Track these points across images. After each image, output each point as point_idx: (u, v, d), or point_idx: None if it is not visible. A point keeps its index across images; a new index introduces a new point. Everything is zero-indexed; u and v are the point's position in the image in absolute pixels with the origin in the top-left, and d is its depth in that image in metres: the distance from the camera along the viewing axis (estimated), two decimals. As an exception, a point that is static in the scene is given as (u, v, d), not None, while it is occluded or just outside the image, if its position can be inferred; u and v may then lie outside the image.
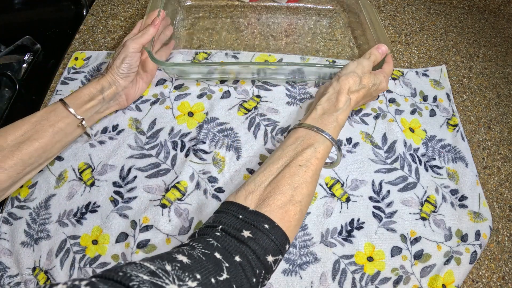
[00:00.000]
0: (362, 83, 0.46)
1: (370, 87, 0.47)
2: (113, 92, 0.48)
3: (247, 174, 0.47)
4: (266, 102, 0.54)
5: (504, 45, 0.68)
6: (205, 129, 0.51)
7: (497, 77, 0.63)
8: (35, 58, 0.60)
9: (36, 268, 0.41)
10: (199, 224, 0.44)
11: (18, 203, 0.45)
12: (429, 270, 0.43)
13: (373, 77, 0.47)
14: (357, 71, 0.46)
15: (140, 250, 0.42)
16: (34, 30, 0.63)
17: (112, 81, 0.47)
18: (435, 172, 0.50)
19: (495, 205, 0.49)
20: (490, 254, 0.45)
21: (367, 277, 0.42)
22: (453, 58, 0.64)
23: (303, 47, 0.62)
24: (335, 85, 0.46)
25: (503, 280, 0.44)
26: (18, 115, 0.43)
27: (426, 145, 0.52)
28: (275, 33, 0.64)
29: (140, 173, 0.47)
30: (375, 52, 0.50)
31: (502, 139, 0.55)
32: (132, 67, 0.48)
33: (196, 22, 0.64)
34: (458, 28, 0.70)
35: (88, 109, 0.46)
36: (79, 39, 0.63)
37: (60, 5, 0.69)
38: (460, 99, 0.59)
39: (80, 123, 0.45)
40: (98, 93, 0.46)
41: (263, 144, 0.50)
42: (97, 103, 0.46)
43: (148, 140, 0.50)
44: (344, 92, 0.44)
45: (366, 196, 0.47)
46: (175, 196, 0.45)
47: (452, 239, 0.45)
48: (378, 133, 0.52)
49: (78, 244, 0.42)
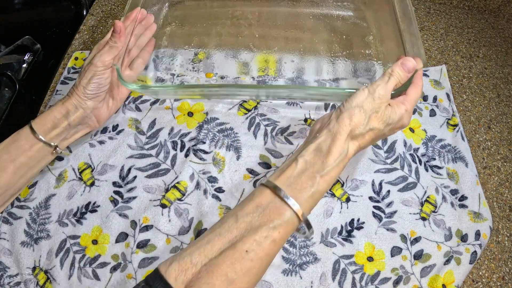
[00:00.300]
0: (370, 125, 0.34)
1: (382, 129, 0.35)
2: (80, 116, 0.42)
3: (247, 174, 0.47)
4: (266, 102, 0.54)
5: (504, 45, 0.68)
6: (205, 129, 0.51)
7: (497, 77, 0.63)
8: (35, 58, 0.60)
9: (36, 268, 0.41)
10: (199, 224, 0.44)
11: (18, 203, 0.45)
12: (429, 270, 0.43)
13: (388, 113, 0.35)
14: (365, 105, 0.34)
15: (140, 250, 0.42)
16: (34, 30, 0.63)
17: (78, 103, 0.41)
18: (435, 172, 0.50)
19: (495, 205, 0.49)
20: (490, 254, 0.45)
21: (367, 277, 0.42)
22: (453, 58, 0.64)
23: (304, 48, 0.62)
24: (332, 126, 0.34)
25: (503, 280, 0.44)
26: (18, 115, 0.43)
27: (426, 145, 0.52)
28: (275, 33, 0.64)
29: (140, 173, 0.47)
30: (398, 72, 0.36)
31: (502, 139, 0.55)
32: (101, 86, 0.42)
33: (194, 21, 0.64)
34: (458, 28, 0.70)
35: (53, 138, 0.41)
36: (79, 39, 0.63)
37: (60, 5, 0.69)
38: (460, 99, 0.59)
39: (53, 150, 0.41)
40: (63, 118, 0.41)
41: (263, 144, 0.50)
42: (62, 130, 0.41)
43: (148, 140, 0.50)
44: (341, 138, 0.33)
45: (366, 196, 0.47)
46: (175, 196, 0.45)
47: (452, 239, 0.45)
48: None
49: (78, 244, 0.42)
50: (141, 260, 0.41)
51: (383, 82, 0.36)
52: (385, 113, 0.35)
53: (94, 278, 0.40)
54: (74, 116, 0.41)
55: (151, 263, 0.41)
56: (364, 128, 0.34)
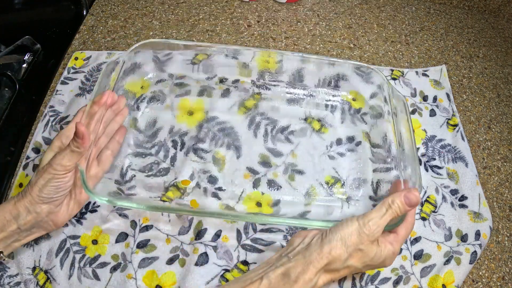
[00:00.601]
0: (348, 262, 0.32)
1: (359, 268, 0.33)
2: (33, 220, 0.35)
3: (247, 173, 0.47)
4: (266, 100, 0.54)
5: (504, 45, 0.68)
6: (205, 128, 0.51)
7: (497, 77, 0.63)
8: (35, 58, 0.60)
9: (36, 268, 0.41)
10: (199, 224, 0.44)
11: (18, 203, 0.45)
12: (429, 270, 0.43)
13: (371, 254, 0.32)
14: (349, 241, 0.31)
15: (140, 250, 0.42)
16: (34, 30, 0.63)
17: (31, 206, 0.35)
18: (435, 172, 0.50)
19: (495, 205, 0.49)
20: (490, 254, 0.45)
21: (367, 277, 0.42)
22: (453, 58, 0.64)
23: (303, 49, 0.62)
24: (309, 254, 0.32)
25: (503, 280, 0.44)
26: (18, 115, 0.43)
27: (426, 145, 0.52)
28: (275, 34, 0.64)
29: (139, 172, 0.47)
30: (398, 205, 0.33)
31: (502, 139, 0.55)
32: (60, 190, 0.36)
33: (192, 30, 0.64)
34: (458, 28, 0.70)
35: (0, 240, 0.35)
36: (79, 39, 0.63)
37: (60, 5, 0.69)
38: (460, 99, 0.59)
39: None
40: (13, 220, 0.35)
41: (263, 143, 0.50)
42: (11, 234, 0.35)
43: (148, 138, 0.50)
44: (313, 269, 0.31)
45: (367, 196, 0.47)
46: (175, 195, 0.45)
47: (452, 239, 0.45)
48: (378, 132, 0.52)
49: (78, 244, 0.42)
50: (141, 260, 0.41)
51: (378, 216, 0.32)
52: (368, 253, 0.32)
53: (94, 278, 0.40)
54: (25, 220, 0.35)
55: (151, 263, 0.41)
56: (341, 264, 0.32)
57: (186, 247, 0.42)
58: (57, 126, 0.51)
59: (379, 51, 0.63)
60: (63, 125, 0.51)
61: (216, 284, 0.40)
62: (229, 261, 0.42)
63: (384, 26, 0.68)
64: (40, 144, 0.49)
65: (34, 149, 0.49)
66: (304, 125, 0.52)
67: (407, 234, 0.35)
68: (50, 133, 0.50)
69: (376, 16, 0.69)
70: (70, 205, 0.39)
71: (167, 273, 0.41)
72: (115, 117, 0.45)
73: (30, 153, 0.48)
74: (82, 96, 0.54)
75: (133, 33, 0.63)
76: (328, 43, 0.63)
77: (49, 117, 0.52)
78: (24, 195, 0.35)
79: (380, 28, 0.67)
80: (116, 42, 0.62)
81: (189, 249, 0.42)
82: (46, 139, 0.50)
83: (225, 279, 0.41)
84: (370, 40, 0.65)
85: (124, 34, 0.63)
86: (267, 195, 0.46)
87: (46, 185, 0.34)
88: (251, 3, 0.69)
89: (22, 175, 0.47)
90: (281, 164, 0.48)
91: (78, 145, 0.35)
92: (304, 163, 0.49)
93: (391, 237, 0.34)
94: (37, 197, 0.35)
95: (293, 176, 0.48)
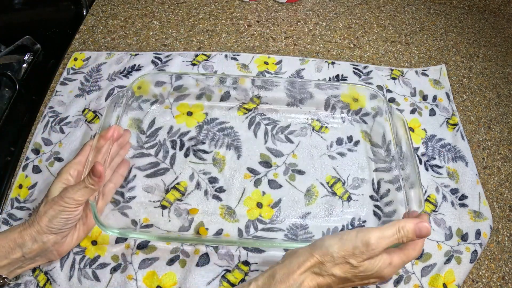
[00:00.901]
0: (330, 271, 0.31)
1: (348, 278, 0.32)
2: (38, 250, 0.36)
3: (248, 173, 0.47)
4: (266, 104, 0.53)
5: (504, 45, 0.68)
6: (205, 129, 0.51)
7: (497, 77, 0.63)
8: (35, 58, 0.60)
9: (36, 269, 0.41)
10: (199, 225, 0.44)
11: (17, 204, 0.45)
12: (429, 269, 0.43)
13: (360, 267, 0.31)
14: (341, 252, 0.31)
15: (140, 251, 0.42)
16: (34, 30, 0.63)
17: (38, 236, 0.35)
18: (435, 171, 0.50)
19: (495, 205, 0.49)
20: (490, 254, 0.45)
21: (368, 277, 0.42)
22: (453, 58, 0.64)
23: (303, 49, 0.62)
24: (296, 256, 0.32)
25: (503, 280, 0.44)
26: (18, 115, 0.43)
27: (426, 144, 0.52)
28: (275, 34, 0.64)
29: (139, 172, 0.47)
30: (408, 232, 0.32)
31: (502, 139, 0.55)
32: (69, 223, 0.36)
33: (191, 31, 0.64)
34: (458, 28, 0.70)
35: (3, 267, 0.35)
36: (79, 39, 0.63)
37: (60, 5, 0.69)
38: (460, 99, 0.59)
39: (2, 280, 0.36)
40: (18, 249, 0.35)
41: (263, 142, 0.50)
42: (14, 261, 0.35)
43: (147, 139, 0.50)
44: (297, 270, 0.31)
45: (367, 195, 0.47)
46: (175, 196, 0.45)
47: (453, 238, 0.45)
48: (377, 132, 0.52)
49: (78, 244, 0.42)
50: (141, 261, 0.41)
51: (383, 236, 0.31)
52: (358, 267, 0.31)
53: (94, 279, 0.40)
54: (30, 249, 0.35)
55: (151, 264, 0.41)
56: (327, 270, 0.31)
57: (186, 247, 0.42)
58: (56, 127, 0.51)
59: (379, 51, 0.63)
60: (63, 126, 0.51)
61: (217, 284, 0.40)
62: (230, 261, 0.42)
63: (384, 26, 0.68)
64: (39, 145, 0.49)
65: (34, 150, 0.49)
66: (304, 125, 0.52)
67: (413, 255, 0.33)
68: (50, 134, 0.50)
69: (376, 16, 0.69)
70: (75, 236, 0.40)
71: (168, 273, 0.41)
72: (120, 151, 0.45)
73: (29, 154, 0.48)
74: (81, 97, 0.54)
75: (133, 33, 0.63)
76: (328, 43, 0.63)
77: (48, 118, 0.52)
78: (31, 225, 0.35)
79: (380, 28, 0.67)
80: (116, 42, 0.62)
81: (189, 250, 0.42)
82: (46, 140, 0.49)
83: (226, 280, 0.40)
84: (370, 40, 0.65)
85: (124, 34, 0.63)
86: (267, 195, 0.46)
87: (56, 216, 0.35)
88: (251, 3, 0.69)
89: (21, 176, 0.47)
90: (282, 164, 0.48)
91: (94, 183, 0.36)
92: (305, 163, 0.49)
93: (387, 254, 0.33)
94: (46, 227, 0.35)
95: (294, 176, 0.48)
